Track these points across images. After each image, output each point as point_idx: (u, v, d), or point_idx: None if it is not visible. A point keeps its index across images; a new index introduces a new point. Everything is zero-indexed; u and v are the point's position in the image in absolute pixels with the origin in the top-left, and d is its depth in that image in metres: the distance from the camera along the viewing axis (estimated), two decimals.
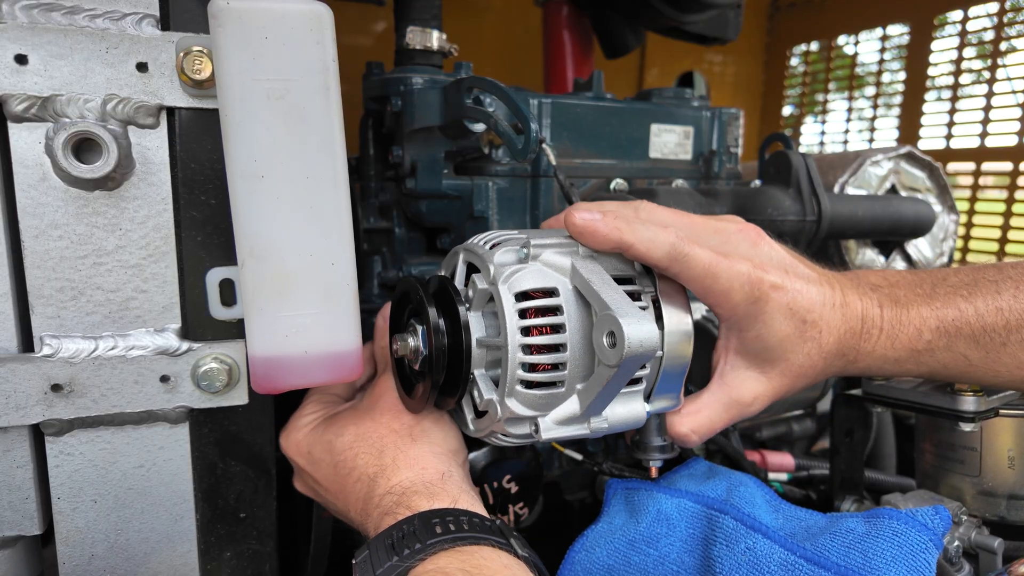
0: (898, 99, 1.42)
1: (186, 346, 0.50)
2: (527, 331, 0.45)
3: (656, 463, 0.53)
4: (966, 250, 1.28)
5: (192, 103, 0.47)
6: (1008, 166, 1.19)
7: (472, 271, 0.49)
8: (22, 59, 0.43)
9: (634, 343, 0.40)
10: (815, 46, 1.61)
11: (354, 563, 0.44)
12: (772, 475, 0.81)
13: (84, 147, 0.46)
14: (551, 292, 0.45)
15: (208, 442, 0.54)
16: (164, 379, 0.50)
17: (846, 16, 1.52)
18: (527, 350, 0.45)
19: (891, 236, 0.93)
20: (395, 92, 0.67)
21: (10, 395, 0.46)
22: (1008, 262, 0.52)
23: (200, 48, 0.45)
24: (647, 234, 0.46)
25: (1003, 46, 1.19)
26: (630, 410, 0.49)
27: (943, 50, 1.32)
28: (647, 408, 0.49)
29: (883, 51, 1.45)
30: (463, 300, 0.48)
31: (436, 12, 0.72)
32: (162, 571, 0.55)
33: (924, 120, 1.36)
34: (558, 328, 0.45)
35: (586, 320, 0.45)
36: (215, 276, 0.50)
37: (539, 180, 0.72)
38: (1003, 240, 1.21)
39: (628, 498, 0.55)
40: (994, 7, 1.21)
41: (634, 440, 0.54)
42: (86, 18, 0.45)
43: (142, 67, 0.46)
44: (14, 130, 0.45)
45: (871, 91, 1.48)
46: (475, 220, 0.71)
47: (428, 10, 0.72)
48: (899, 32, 1.41)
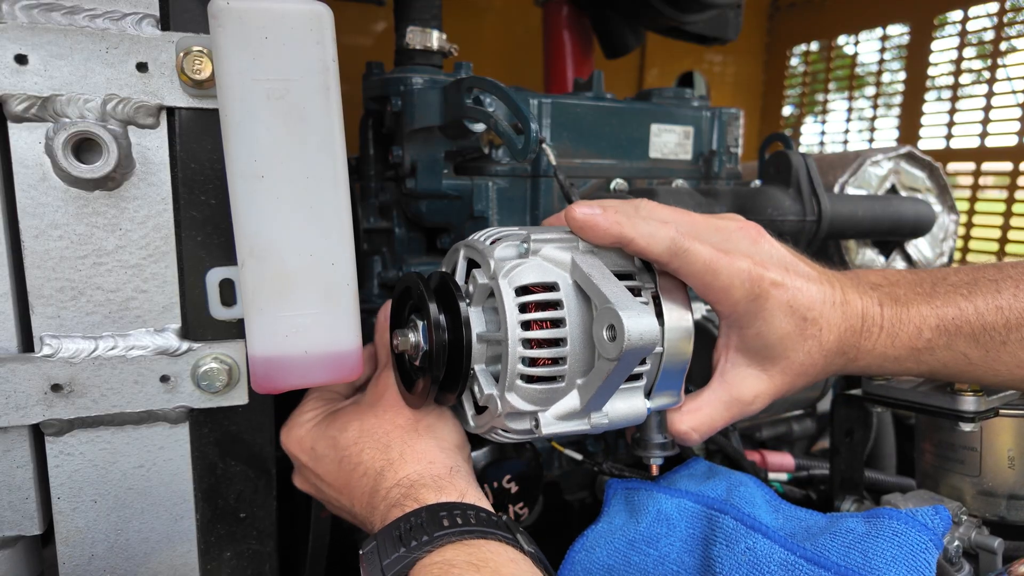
0: (898, 99, 1.41)
1: (186, 346, 0.50)
2: (527, 325, 0.45)
3: (657, 461, 0.53)
4: (966, 250, 1.28)
5: (192, 103, 0.47)
6: (1008, 166, 1.19)
7: (473, 267, 0.49)
8: (22, 59, 0.43)
9: (634, 336, 0.40)
10: (815, 46, 1.61)
11: (361, 554, 0.44)
12: (772, 475, 0.81)
13: (84, 147, 0.46)
14: (551, 287, 0.45)
15: (208, 442, 0.54)
16: (164, 379, 0.50)
17: (846, 16, 1.52)
18: (527, 344, 0.45)
19: (891, 236, 0.93)
20: (395, 92, 0.67)
21: (10, 395, 0.46)
22: (1008, 262, 0.52)
23: (200, 48, 0.46)
24: (647, 229, 0.46)
25: (1003, 46, 1.19)
26: (631, 406, 0.49)
27: (943, 50, 1.32)
28: (648, 405, 0.49)
29: (883, 51, 1.45)
30: (464, 296, 0.48)
31: (436, 12, 0.72)
32: (162, 571, 0.55)
33: (924, 120, 1.35)
34: (558, 322, 0.45)
35: (586, 314, 0.45)
36: (215, 276, 0.50)
37: (539, 180, 0.72)
38: (1003, 240, 1.21)
39: (628, 498, 0.55)
40: (994, 7, 1.20)
41: (635, 438, 0.54)
42: (86, 18, 0.45)
43: (142, 67, 0.46)
44: (14, 130, 0.45)
45: (871, 91, 1.48)
46: (475, 220, 0.71)
47: (428, 10, 0.72)
48: (899, 32, 1.41)
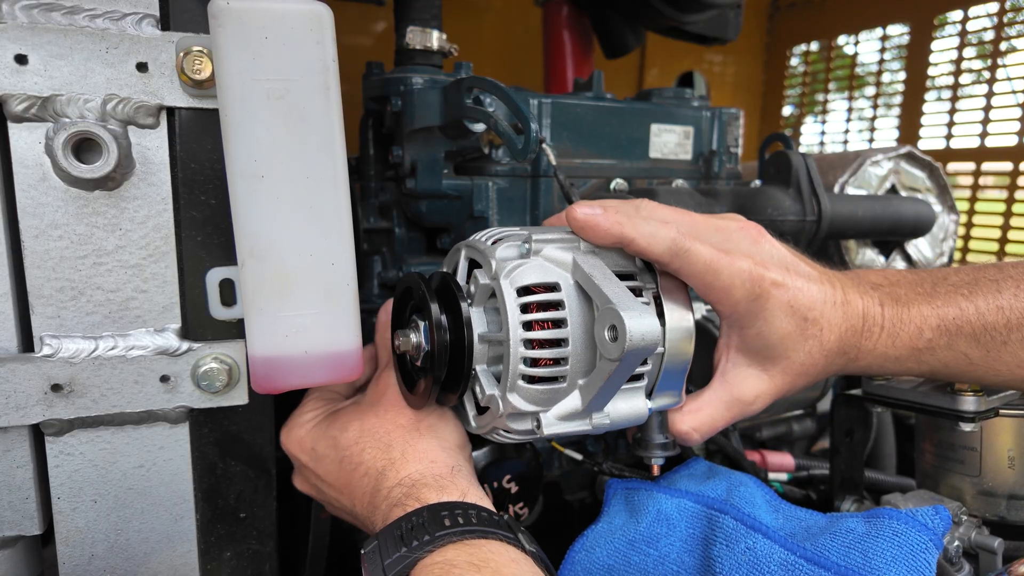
0: (898, 99, 1.41)
1: (186, 346, 0.50)
2: (529, 326, 0.45)
3: (658, 461, 0.53)
4: (966, 250, 1.28)
5: (192, 103, 0.47)
6: (1008, 166, 1.19)
7: (474, 267, 0.49)
8: (22, 59, 0.43)
9: (636, 336, 0.40)
10: (815, 46, 1.61)
11: (362, 553, 0.44)
12: (772, 475, 0.81)
13: (84, 147, 0.46)
14: (553, 287, 0.45)
15: (208, 442, 0.54)
16: (164, 379, 0.50)
17: (846, 16, 1.52)
18: (529, 344, 0.45)
19: (891, 236, 0.93)
20: (395, 92, 0.67)
21: (10, 395, 0.46)
22: (1009, 262, 0.52)
23: (200, 48, 0.45)
24: (648, 229, 0.46)
25: (1003, 46, 1.19)
26: (632, 406, 0.49)
27: (943, 50, 1.32)
28: (649, 405, 0.50)
29: (883, 51, 1.45)
30: (465, 296, 0.48)
31: (436, 12, 0.72)
32: (162, 571, 0.55)
33: (924, 120, 1.36)
34: (560, 323, 0.45)
35: (588, 315, 0.45)
36: (215, 276, 0.50)
37: (539, 180, 0.72)
38: (1003, 240, 1.21)
39: (628, 498, 0.55)
40: (994, 7, 1.20)
41: (636, 438, 0.54)
42: (86, 18, 0.45)
43: (142, 67, 0.46)
44: (14, 130, 0.45)
45: (871, 91, 1.48)
46: (475, 220, 0.71)
47: (428, 10, 0.72)
48: (899, 32, 1.41)
